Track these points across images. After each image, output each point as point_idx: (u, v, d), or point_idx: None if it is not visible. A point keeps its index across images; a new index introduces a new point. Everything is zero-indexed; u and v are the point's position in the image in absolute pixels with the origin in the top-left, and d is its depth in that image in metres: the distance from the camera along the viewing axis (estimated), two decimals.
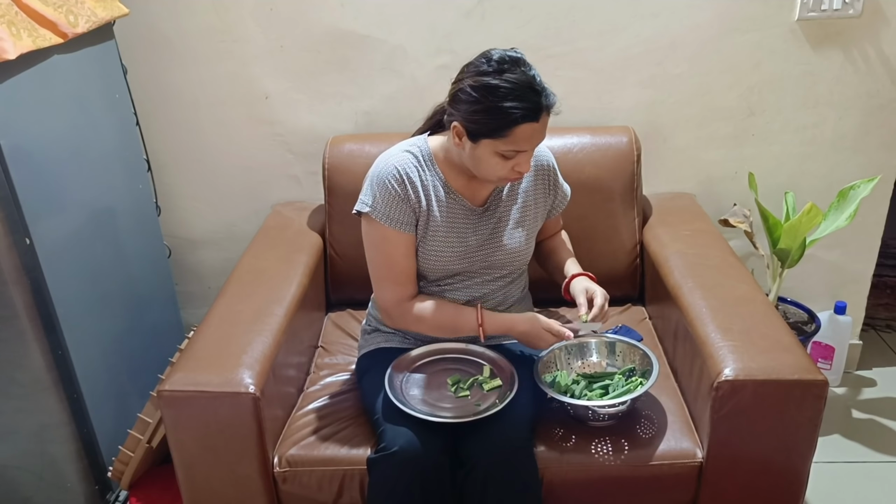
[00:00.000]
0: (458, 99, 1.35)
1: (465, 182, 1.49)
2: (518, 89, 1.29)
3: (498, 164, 1.36)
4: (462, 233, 1.50)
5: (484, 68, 1.32)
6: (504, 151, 1.34)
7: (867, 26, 1.90)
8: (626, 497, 1.45)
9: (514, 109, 1.29)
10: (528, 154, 1.37)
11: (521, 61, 1.33)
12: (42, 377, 1.55)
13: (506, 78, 1.29)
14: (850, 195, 1.90)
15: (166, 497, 1.70)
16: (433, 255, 1.49)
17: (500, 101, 1.29)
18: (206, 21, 1.94)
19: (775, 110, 2.01)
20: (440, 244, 1.49)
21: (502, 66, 1.31)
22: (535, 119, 1.31)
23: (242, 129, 2.07)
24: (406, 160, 1.46)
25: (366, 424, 1.49)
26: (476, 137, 1.34)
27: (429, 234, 1.48)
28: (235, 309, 1.57)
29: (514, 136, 1.31)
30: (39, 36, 1.47)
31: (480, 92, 1.30)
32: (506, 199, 1.53)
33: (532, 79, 1.31)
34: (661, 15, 1.91)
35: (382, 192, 1.43)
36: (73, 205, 1.65)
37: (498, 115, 1.30)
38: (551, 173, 1.57)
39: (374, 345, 1.61)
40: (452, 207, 1.49)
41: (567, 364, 1.54)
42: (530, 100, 1.30)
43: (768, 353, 1.38)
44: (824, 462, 1.94)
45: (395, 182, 1.43)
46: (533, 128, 1.32)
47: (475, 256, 1.52)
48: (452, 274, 1.53)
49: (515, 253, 1.54)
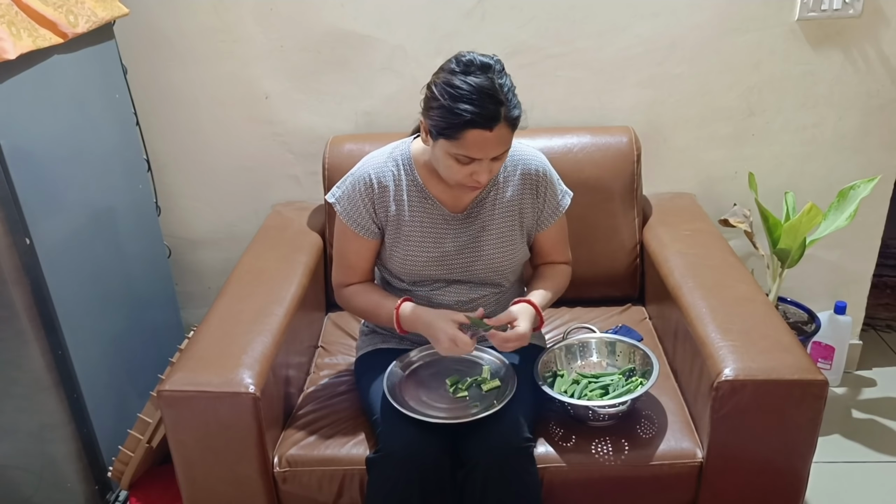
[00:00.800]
0: (426, 96, 1.35)
1: (444, 187, 1.47)
2: (475, 93, 1.26)
3: (453, 167, 1.34)
4: (439, 238, 1.49)
5: (452, 67, 1.30)
6: (456, 155, 1.32)
7: (867, 26, 1.90)
8: (626, 497, 1.45)
9: (465, 112, 1.26)
10: (485, 164, 1.33)
11: (490, 68, 1.29)
12: (42, 377, 1.55)
13: (467, 80, 1.27)
14: (850, 195, 1.90)
15: (166, 497, 1.70)
16: (407, 259, 1.49)
17: (455, 102, 1.27)
18: (206, 21, 1.94)
19: (775, 110, 2.01)
20: (414, 248, 1.49)
21: (469, 68, 1.29)
22: (487, 127, 1.27)
23: (242, 129, 2.07)
24: (384, 166, 1.47)
25: (365, 424, 1.49)
26: (435, 136, 1.33)
27: (401, 237, 1.48)
28: (235, 309, 1.57)
29: (464, 141, 1.29)
30: (39, 36, 1.47)
31: (440, 89, 1.29)
32: (488, 207, 1.50)
33: (497, 87, 1.27)
34: (661, 15, 1.91)
35: (350, 193, 1.47)
36: (73, 205, 1.65)
37: (449, 115, 1.28)
38: (541, 180, 1.51)
39: (373, 345, 1.61)
40: (429, 212, 1.48)
41: (567, 364, 1.54)
42: (484, 107, 1.26)
43: (768, 353, 1.38)
44: (824, 462, 1.94)
45: (364, 188, 1.45)
46: (484, 136, 1.28)
47: (454, 263, 1.51)
48: (432, 280, 1.52)
49: (496, 262, 1.51)
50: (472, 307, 1.52)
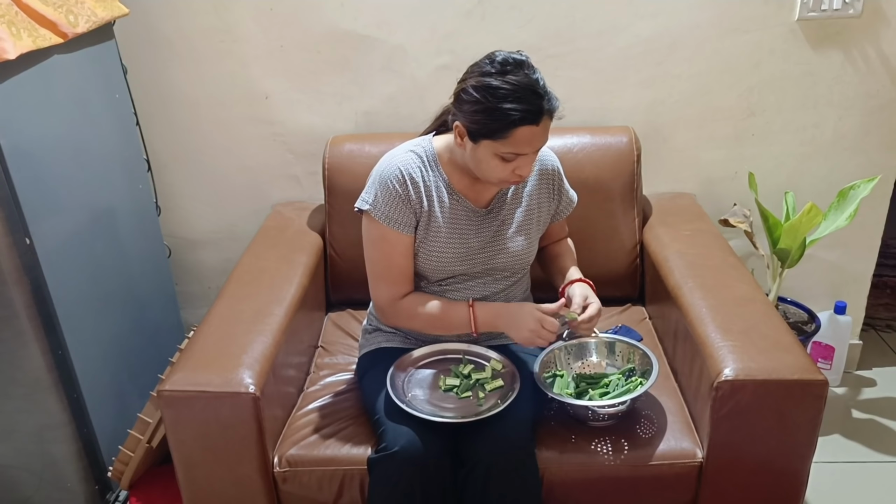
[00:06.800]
0: (460, 99, 1.35)
1: (468, 183, 1.49)
2: (519, 91, 1.29)
3: (498, 166, 1.36)
4: (464, 234, 1.50)
5: (487, 69, 1.32)
6: (503, 153, 1.34)
7: (867, 26, 1.90)
8: (626, 497, 1.45)
9: (513, 111, 1.28)
10: (529, 157, 1.36)
11: (524, 64, 1.32)
12: (42, 377, 1.55)
13: (507, 80, 1.29)
14: (850, 195, 1.90)
15: (166, 497, 1.70)
16: (434, 256, 1.49)
17: (500, 102, 1.29)
18: (206, 21, 1.94)
19: (775, 110, 2.01)
20: (442, 245, 1.49)
21: (505, 67, 1.31)
22: (535, 122, 1.30)
23: (242, 129, 2.07)
24: (410, 160, 1.46)
25: (366, 424, 1.49)
26: (476, 138, 1.34)
27: (430, 234, 1.48)
28: (235, 309, 1.57)
29: (513, 139, 1.31)
30: (39, 36, 1.47)
31: (482, 92, 1.30)
32: (510, 201, 1.53)
33: (535, 82, 1.31)
34: (661, 15, 1.91)
35: (384, 192, 1.44)
36: (73, 205, 1.65)
37: (497, 116, 1.29)
38: (556, 178, 1.57)
39: (375, 344, 1.61)
40: (455, 208, 1.49)
41: (567, 364, 1.54)
42: (531, 102, 1.29)
43: (768, 353, 1.38)
44: (824, 462, 1.94)
45: (397, 182, 1.43)
46: (532, 131, 1.31)
47: (477, 258, 1.52)
48: (454, 275, 1.53)
49: (517, 256, 1.54)
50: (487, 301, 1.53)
